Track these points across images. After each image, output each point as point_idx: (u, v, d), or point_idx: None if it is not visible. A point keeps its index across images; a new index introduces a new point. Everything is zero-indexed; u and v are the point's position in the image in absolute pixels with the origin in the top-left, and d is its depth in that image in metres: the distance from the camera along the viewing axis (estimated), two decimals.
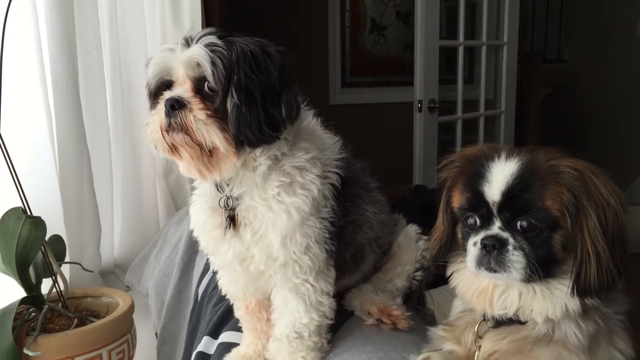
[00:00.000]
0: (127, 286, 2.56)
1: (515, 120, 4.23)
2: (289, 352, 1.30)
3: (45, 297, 1.87)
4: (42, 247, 1.80)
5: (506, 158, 1.08)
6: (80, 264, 2.09)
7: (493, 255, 1.06)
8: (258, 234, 1.26)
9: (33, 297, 1.81)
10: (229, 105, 1.16)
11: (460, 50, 3.78)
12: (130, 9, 2.59)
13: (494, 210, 1.07)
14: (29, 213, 1.79)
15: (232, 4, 4.20)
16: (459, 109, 3.86)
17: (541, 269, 1.04)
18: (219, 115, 1.17)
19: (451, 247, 1.23)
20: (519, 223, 1.05)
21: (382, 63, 5.24)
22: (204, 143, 1.16)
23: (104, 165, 2.48)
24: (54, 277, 1.87)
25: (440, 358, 1.21)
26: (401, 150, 4.07)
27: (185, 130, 1.16)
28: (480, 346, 1.18)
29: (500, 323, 1.15)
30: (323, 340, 1.33)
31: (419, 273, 1.53)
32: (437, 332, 1.30)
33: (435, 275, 1.56)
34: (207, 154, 1.19)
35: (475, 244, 1.09)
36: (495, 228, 1.08)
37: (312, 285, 1.29)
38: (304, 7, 4.86)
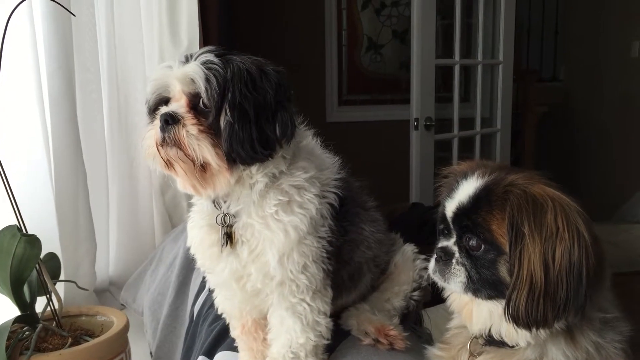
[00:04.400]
0: (122, 304, 2.54)
1: (511, 138, 4.25)
2: None
3: (39, 316, 1.85)
4: (37, 265, 1.79)
5: (476, 178, 1.11)
6: (75, 282, 2.07)
7: (440, 265, 1.13)
8: (255, 252, 1.25)
9: (27, 316, 1.79)
10: (222, 122, 1.17)
11: (456, 68, 3.80)
12: (128, 26, 2.60)
13: (451, 224, 1.13)
14: (24, 231, 1.78)
15: (230, 22, 4.23)
16: (455, 127, 3.87)
17: (491, 289, 1.07)
18: (212, 131, 1.18)
19: None
20: (466, 240, 1.09)
21: (378, 81, 5.27)
22: (195, 158, 1.17)
23: (100, 182, 2.47)
24: (48, 296, 1.85)
25: None
26: (397, 168, 4.08)
27: (178, 144, 1.18)
28: None
29: (490, 342, 1.15)
30: None
31: (416, 292, 1.53)
32: (434, 351, 1.30)
33: (433, 295, 1.55)
34: (200, 169, 1.19)
35: (435, 251, 1.16)
36: (451, 241, 1.13)
37: (309, 304, 1.28)
38: (301, 25, 4.90)
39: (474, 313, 1.13)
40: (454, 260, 1.10)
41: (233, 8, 4.31)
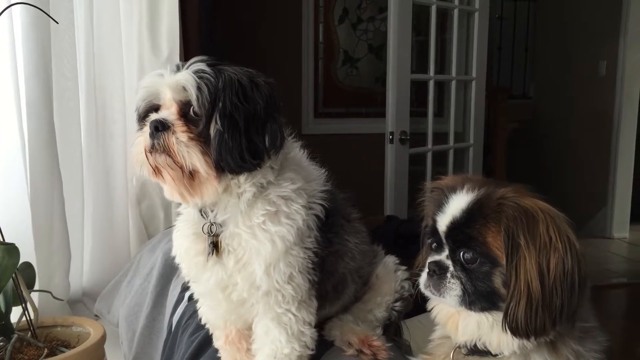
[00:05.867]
0: (96, 315, 2.50)
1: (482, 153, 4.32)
2: None
3: (14, 326, 1.82)
4: (14, 275, 1.76)
5: (466, 192, 1.12)
6: (50, 292, 2.04)
7: (433, 279, 1.13)
8: (241, 261, 1.25)
9: (2, 326, 1.76)
10: (212, 131, 1.17)
11: (431, 84, 3.85)
12: (108, 34, 2.58)
13: (443, 238, 1.14)
14: (1, 239, 1.75)
15: (211, 34, 4.23)
16: (429, 141, 3.92)
17: (485, 301, 1.09)
18: (202, 139, 1.18)
19: None
20: (461, 254, 1.10)
21: (354, 94, 5.33)
22: (184, 165, 1.17)
23: (76, 190, 2.44)
24: (24, 306, 1.82)
25: None
26: (372, 180, 4.10)
27: (167, 151, 1.18)
28: None
29: (473, 352, 1.17)
30: None
31: (398, 304, 1.54)
32: None
33: (415, 305, 1.56)
34: (189, 177, 1.19)
35: (426, 265, 1.16)
36: (443, 255, 1.14)
37: (294, 315, 1.28)
38: (279, 37, 4.94)
39: (460, 325, 1.15)
40: (448, 274, 1.11)
41: (213, 19, 4.32)
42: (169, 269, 2.22)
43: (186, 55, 2.68)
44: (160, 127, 1.18)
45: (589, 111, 5.87)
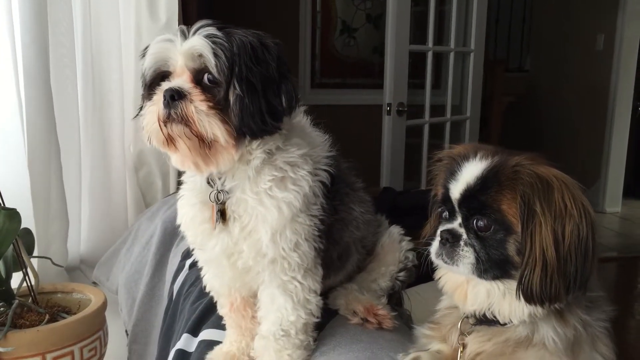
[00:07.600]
0: (94, 282, 2.51)
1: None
2: (276, 350, 1.29)
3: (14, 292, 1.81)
4: (14, 240, 1.75)
5: (479, 159, 1.11)
6: (50, 259, 2.03)
7: (446, 247, 1.11)
8: (247, 228, 1.24)
9: (3, 292, 1.76)
10: (231, 97, 1.15)
11: (429, 55, 3.83)
12: (105, 1, 2.54)
13: (456, 206, 1.12)
14: (2, 204, 1.73)
15: (209, 1, 4.18)
16: (427, 114, 3.91)
17: (498, 269, 1.08)
18: (219, 106, 1.16)
19: None
20: (474, 222, 1.09)
21: (351, 65, 5.29)
22: (205, 134, 1.14)
23: (73, 158, 2.43)
24: (24, 271, 1.81)
25: (429, 357, 1.22)
26: (368, 152, 4.09)
27: (185, 121, 1.14)
28: (463, 343, 1.21)
29: (481, 321, 1.17)
30: (309, 338, 1.32)
31: (402, 274, 1.54)
32: (423, 331, 1.31)
33: (418, 276, 1.57)
34: (207, 146, 1.17)
35: (438, 234, 1.14)
36: (456, 223, 1.12)
37: (300, 283, 1.28)
38: (276, 5, 4.87)
39: (469, 294, 1.14)
40: (461, 242, 1.10)
41: None
42: (168, 237, 2.22)
43: (185, 21, 2.64)
44: (177, 96, 1.14)
45: (585, 85, 5.87)
